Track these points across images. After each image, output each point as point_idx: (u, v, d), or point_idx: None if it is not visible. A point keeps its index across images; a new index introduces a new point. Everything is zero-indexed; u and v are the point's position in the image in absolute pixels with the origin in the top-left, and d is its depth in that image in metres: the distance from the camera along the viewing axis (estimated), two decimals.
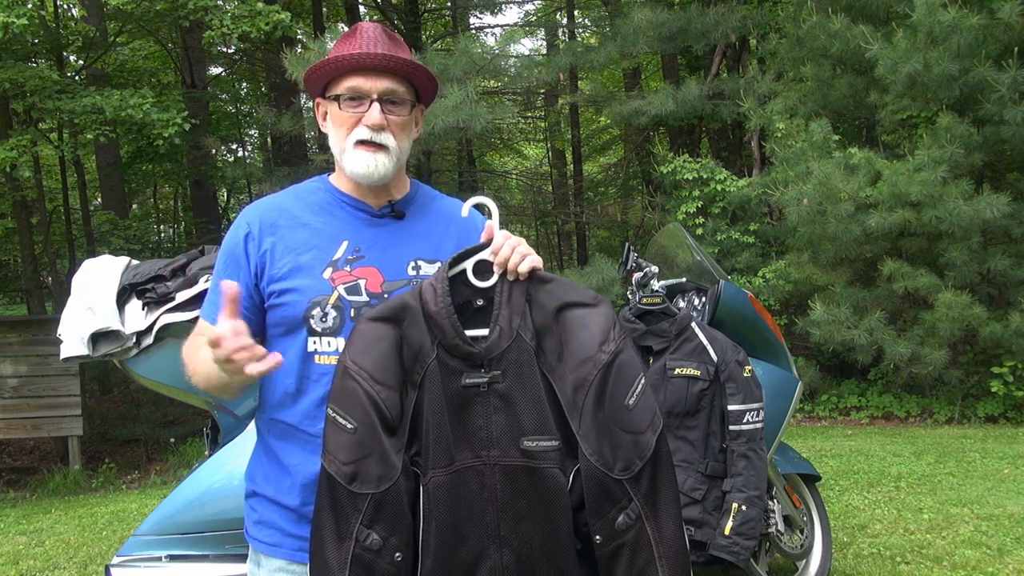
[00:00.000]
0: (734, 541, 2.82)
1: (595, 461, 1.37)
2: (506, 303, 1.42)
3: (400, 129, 1.57)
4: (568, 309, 1.43)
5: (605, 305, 1.46)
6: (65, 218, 11.32)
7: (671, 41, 9.39)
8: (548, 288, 1.45)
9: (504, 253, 1.44)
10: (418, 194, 1.69)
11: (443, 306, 1.40)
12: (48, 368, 8.05)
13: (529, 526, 1.38)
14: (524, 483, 1.38)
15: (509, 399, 1.40)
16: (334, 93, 1.57)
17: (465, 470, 1.39)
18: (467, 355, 1.40)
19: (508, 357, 1.40)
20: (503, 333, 1.41)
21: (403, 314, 1.42)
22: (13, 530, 5.67)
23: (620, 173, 14.73)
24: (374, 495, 1.35)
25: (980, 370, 7.85)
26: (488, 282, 1.45)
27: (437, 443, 1.38)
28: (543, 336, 1.42)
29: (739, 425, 2.91)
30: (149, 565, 2.69)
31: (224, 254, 1.61)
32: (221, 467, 2.73)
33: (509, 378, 1.40)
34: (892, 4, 7.52)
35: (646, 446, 1.39)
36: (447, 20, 14.97)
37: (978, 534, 4.17)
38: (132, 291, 2.74)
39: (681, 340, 3.01)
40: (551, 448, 1.38)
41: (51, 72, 7.78)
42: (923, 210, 6.94)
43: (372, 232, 1.59)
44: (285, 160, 10.91)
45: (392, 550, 1.36)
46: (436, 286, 1.42)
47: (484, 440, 1.39)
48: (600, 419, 1.38)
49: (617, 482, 1.37)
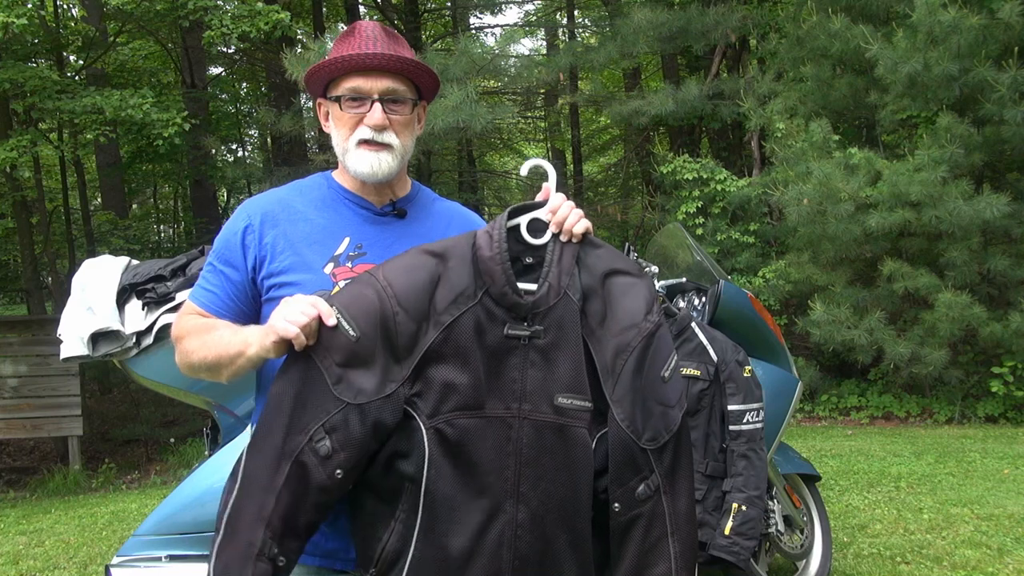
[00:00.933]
0: (734, 541, 2.82)
1: (626, 427, 1.38)
2: (557, 262, 1.43)
3: (403, 127, 1.58)
4: (615, 275, 1.45)
5: (648, 278, 1.49)
6: (65, 218, 11.31)
7: (671, 41, 9.40)
8: (598, 253, 1.47)
9: (563, 212, 1.45)
10: (419, 195, 1.70)
11: (498, 251, 1.40)
12: (48, 368, 8.05)
13: (550, 485, 1.37)
14: (551, 440, 1.37)
15: (548, 355, 1.39)
16: (335, 94, 1.57)
17: (494, 419, 1.37)
18: (513, 305, 1.39)
19: (553, 314, 1.40)
20: (551, 289, 1.41)
21: (452, 253, 1.41)
22: (13, 530, 5.67)
23: (620, 173, 14.73)
24: (348, 406, 1.32)
25: (980, 370, 7.85)
26: (541, 240, 1.46)
27: (467, 387, 1.36)
28: (588, 299, 1.43)
29: (739, 425, 2.91)
30: (149, 565, 2.69)
31: (221, 244, 1.60)
32: (221, 467, 2.72)
33: (551, 334, 1.39)
34: (892, 4, 7.52)
35: (674, 420, 1.42)
36: (447, 20, 14.97)
37: (978, 534, 4.17)
38: (132, 291, 2.74)
39: (681, 340, 3.00)
40: (584, 408, 1.38)
41: (51, 72, 7.78)
42: (923, 210, 6.94)
43: (374, 230, 1.60)
44: (285, 160, 10.91)
45: (335, 465, 1.32)
46: (493, 234, 1.42)
47: (517, 393, 1.38)
48: (637, 386, 1.39)
49: (643, 452, 1.39)
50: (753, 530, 2.86)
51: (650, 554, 1.40)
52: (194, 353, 1.54)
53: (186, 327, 1.59)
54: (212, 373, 1.53)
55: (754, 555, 3.12)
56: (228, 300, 1.59)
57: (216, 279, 1.59)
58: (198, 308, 1.60)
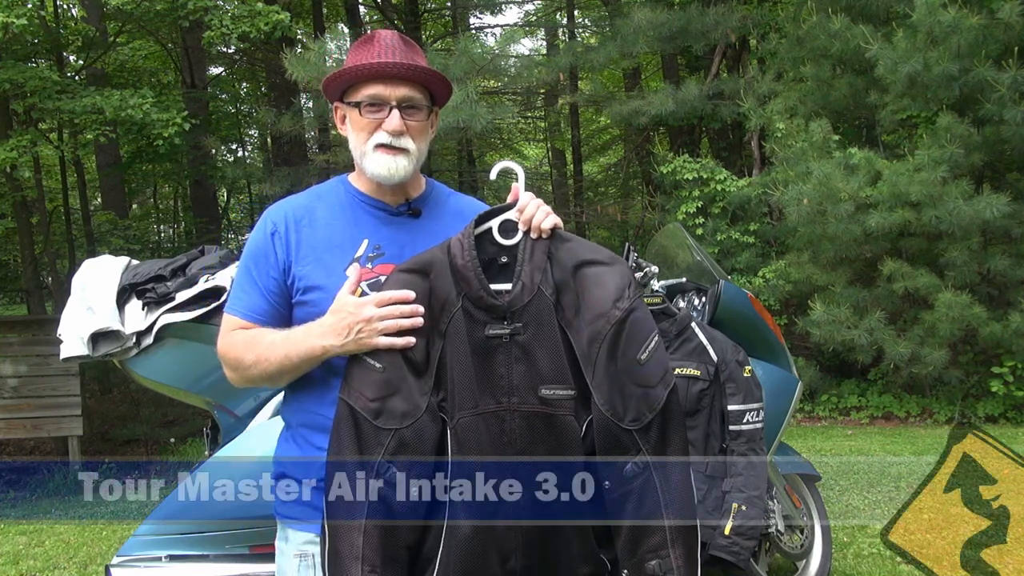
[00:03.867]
0: (734, 541, 2.82)
1: (606, 411, 1.44)
2: (529, 259, 1.50)
3: (418, 133, 1.65)
4: (586, 266, 1.51)
5: (621, 264, 1.54)
6: (65, 218, 11.31)
7: (671, 41, 9.39)
8: (568, 247, 1.53)
9: (530, 211, 1.52)
10: (433, 192, 1.77)
11: (469, 259, 1.49)
12: (48, 368, 8.04)
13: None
14: (541, 429, 1.46)
15: (529, 350, 1.47)
16: (354, 100, 1.63)
17: (488, 414, 1.46)
18: (491, 307, 1.48)
19: (529, 310, 1.47)
20: (525, 288, 1.48)
21: (431, 267, 1.51)
22: (13, 530, 5.67)
23: (620, 173, 14.73)
24: (397, 431, 1.44)
25: (980, 370, 7.85)
26: (513, 240, 1.53)
27: (463, 388, 1.46)
28: (562, 291, 1.49)
29: (739, 425, 2.91)
30: (149, 565, 2.69)
31: (252, 252, 1.66)
32: (221, 467, 2.72)
33: (530, 330, 1.47)
34: (892, 4, 7.52)
35: (656, 399, 1.47)
36: (447, 20, 14.97)
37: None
38: (132, 291, 2.74)
39: (681, 340, 3.00)
40: (567, 397, 1.46)
41: (51, 72, 7.77)
42: (923, 210, 6.94)
43: (390, 230, 1.67)
44: (285, 160, 10.89)
45: (410, 484, 1.44)
46: (463, 241, 1.51)
47: (505, 388, 1.46)
48: (612, 372, 1.45)
49: (626, 432, 1.45)
50: (753, 530, 2.86)
51: (645, 527, 1.46)
52: (253, 367, 1.60)
53: (234, 343, 1.63)
54: (273, 381, 1.63)
55: (754, 555, 3.12)
56: (269, 306, 1.64)
57: (252, 287, 1.64)
58: (241, 321, 1.64)
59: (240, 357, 1.61)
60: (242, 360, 1.61)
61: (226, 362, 1.65)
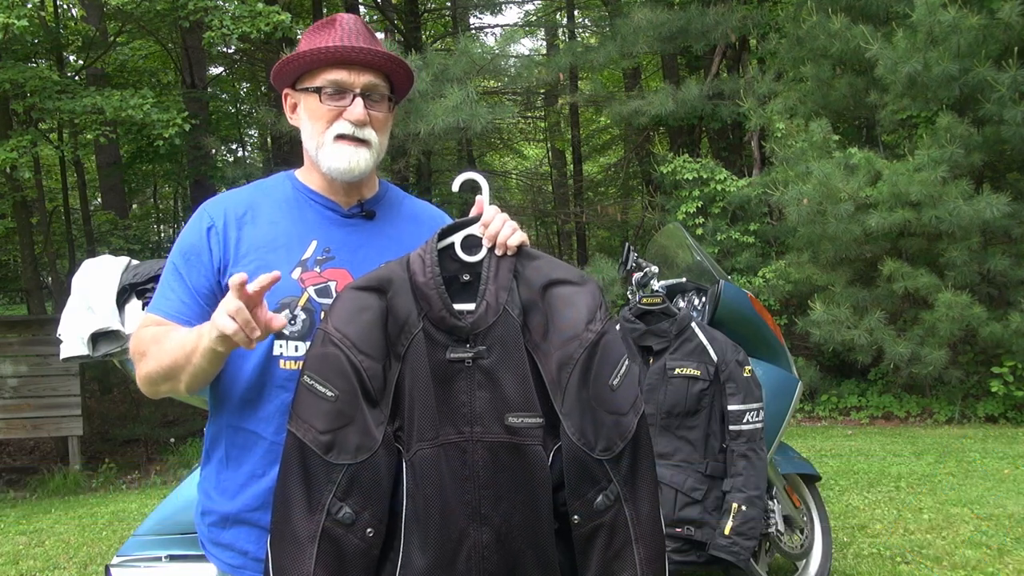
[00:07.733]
0: (734, 541, 2.82)
1: (577, 440, 1.34)
2: (493, 278, 1.39)
3: (381, 125, 1.53)
4: (555, 286, 1.40)
5: (592, 284, 1.43)
6: (65, 218, 11.32)
7: (671, 41, 9.40)
8: (535, 265, 1.42)
9: (495, 226, 1.40)
10: (387, 194, 1.64)
11: (431, 276, 1.37)
12: (48, 368, 8.05)
13: (509, 504, 1.35)
14: (506, 460, 1.35)
15: (494, 375, 1.36)
16: (312, 85, 1.50)
17: (448, 445, 1.35)
18: (453, 328, 1.36)
19: (494, 333, 1.37)
20: (490, 308, 1.37)
21: (389, 284, 1.39)
22: (13, 530, 5.67)
23: (620, 173, 14.74)
24: (350, 466, 1.31)
25: (980, 370, 7.85)
26: (476, 256, 1.42)
27: (422, 416, 1.35)
28: (529, 313, 1.39)
29: (739, 425, 2.91)
30: (149, 565, 2.69)
31: (183, 248, 1.50)
32: None
33: (495, 354, 1.36)
34: (892, 4, 7.52)
35: (628, 428, 1.37)
36: (447, 20, 14.98)
37: (978, 534, 4.17)
38: (132, 291, 2.74)
39: (681, 340, 3.01)
40: (535, 425, 1.35)
41: (51, 72, 7.78)
42: (923, 210, 6.94)
43: (342, 232, 1.54)
44: (285, 160, 10.90)
45: (364, 525, 1.32)
46: (424, 257, 1.39)
47: (467, 416, 1.36)
48: (584, 398, 1.35)
49: (598, 462, 1.35)
50: (753, 530, 2.86)
51: (614, 562, 1.37)
52: (150, 362, 1.43)
53: (145, 339, 1.46)
54: (172, 383, 1.43)
55: (754, 555, 3.12)
56: (194, 306, 1.47)
57: (179, 285, 1.48)
58: (159, 318, 1.47)
59: (142, 353, 1.45)
60: (143, 356, 1.44)
61: (135, 364, 1.48)
